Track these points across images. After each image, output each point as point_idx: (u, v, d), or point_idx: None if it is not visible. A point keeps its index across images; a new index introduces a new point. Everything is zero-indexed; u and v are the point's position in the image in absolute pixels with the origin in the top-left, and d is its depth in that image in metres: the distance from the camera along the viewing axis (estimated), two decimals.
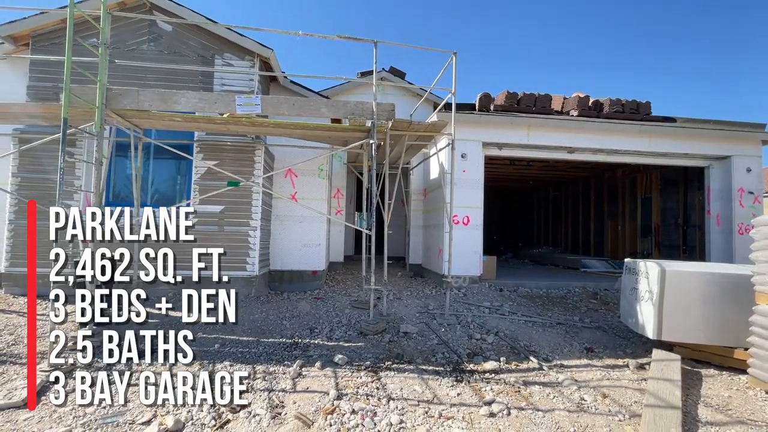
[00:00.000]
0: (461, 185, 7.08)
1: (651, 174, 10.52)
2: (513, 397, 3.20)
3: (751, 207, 7.56)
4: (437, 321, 5.15)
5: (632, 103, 8.63)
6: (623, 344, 4.63)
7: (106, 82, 4.28)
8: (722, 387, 3.49)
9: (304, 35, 4.67)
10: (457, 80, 5.26)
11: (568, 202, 14.50)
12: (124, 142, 5.53)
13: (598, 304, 6.55)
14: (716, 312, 3.88)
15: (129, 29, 5.78)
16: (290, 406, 3.00)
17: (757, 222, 3.57)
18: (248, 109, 4.49)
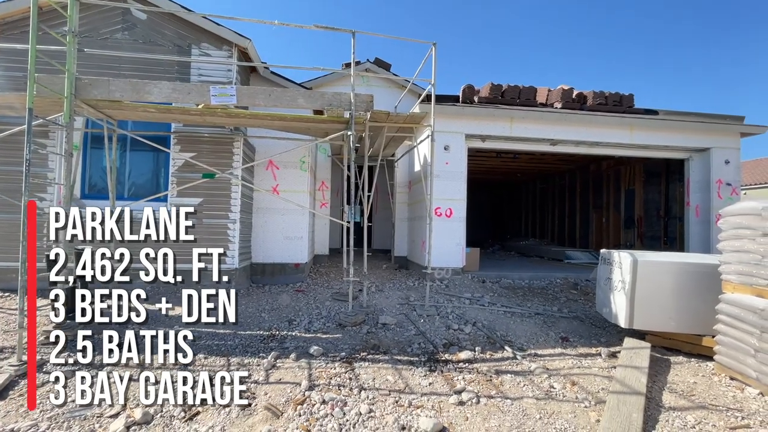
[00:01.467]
0: (444, 177, 7.08)
1: (634, 166, 10.63)
2: (484, 386, 3.24)
3: (729, 198, 7.69)
4: (417, 312, 5.18)
5: (615, 96, 8.68)
6: (598, 333, 4.71)
7: (76, 72, 4.18)
8: (689, 373, 3.58)
9: (280, 24, 4.60)
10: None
11: (554, 195, 14.62)
12: (99, 134, 5.42)
13: (578, 294, 6.64)
14: (686, 301, 3.96)
15: (102, 17, 5.63)
16: (261, 397, 3.01)
17: (725, 212, 3.64)
18: (223, 99, 4.42)
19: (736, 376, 3.34)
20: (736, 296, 3.39)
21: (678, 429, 2.68)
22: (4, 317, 4.57)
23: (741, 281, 3.39)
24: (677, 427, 2.70)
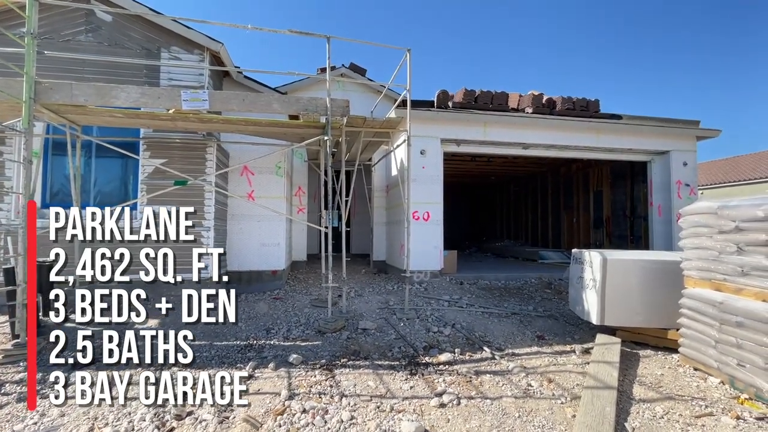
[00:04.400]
0: (421, 181, 7.16)
1: (602, 169, 11.10)
2: (464, 387, 3.28)
3: (688, 198, 8.15)
4: (397, 316, 5.20)
5: (582, 101, 9.04)
6: (572, 331, 4.86)
7: (35, 75, 3.98)
8: (656, 366, 3.75)
9: (253, 29, 4.54)
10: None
11: (527, 197, 15.04)
12: (62, 140, 5.17)
13: (552, 293, 6.84)
14: (652, 296, 4.15)
15: (63, 18, 5.38)
16: (239, 409, 2.93)
17: (684, 212, 3.85)
18: (195, 104, 4.31)
19: (699, 367, 3.53)
20: (697, 291, 3.59)
21: (648, 420, 2.80)
22: None
23: (701, 276, 3.59)
24: (647, 418, 2.83)
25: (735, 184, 17.03)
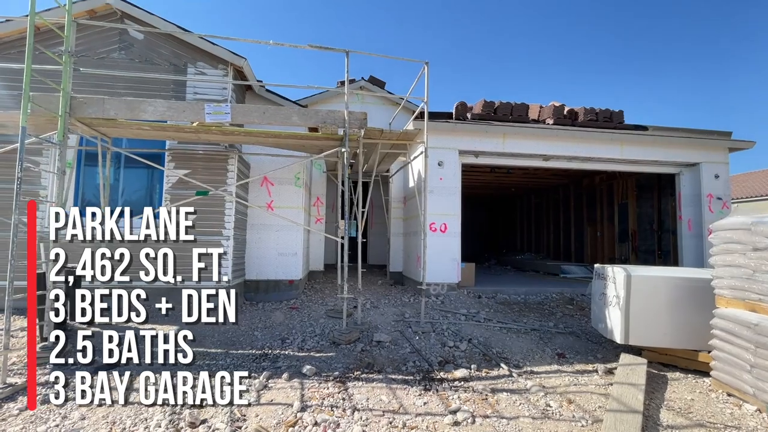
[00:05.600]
0: (438, 193, 7.12)
1: (627, 180, 10.76)
2: (479, 405, 3.19)
3: (720, 212, 7.77)
4: (412, 329, 5.13)
5: (606, 112, 8.86)
6: (595, 349, 4.67)
7: (71, 91, 4.21)
8: (686, 390, 3.54)
9: (275, 44, 4.68)
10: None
11: (549, 209, 14.71)
12: (93, 151, 5.42)
13: (574, 309, 6.61)
14: (681, 315, 3.95)
15: (99, 37, 5.71)
16: (252, 419, 2.93)
17: (715, 227, 3.67)
18: (217, 117, 4.45)
19: (734, 393, 3.32)
20: (730, 311, 3.39)
21: None
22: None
23: (734, 296, 3.39)
24: None
25: None
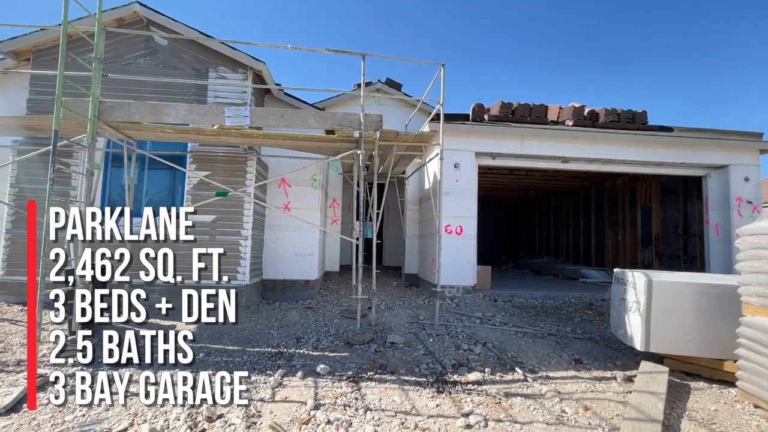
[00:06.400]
0: (454, 195, 7.09)
1: (650, 183, 10.45)
2: (492, 409, 3.16)
3: (750, 216, 7.45)
4: (426, 331, 5.12)
5: (628, 113, 8.63)
6: (614, 356, 4.56)
7: (100, 96, 4.41)
8: (710, 400, 3.42)
9: (293, 48, 4.77)
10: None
11: (569, 212, 14.41)
12: (119, 153, 5.65)
13: (593, 314, 6.46)
14: (705, 323, 3.81)
15: (127, 44, 5.95)
16: (267, 415, 3.00)
17: (742, 231, 3.54)
18: (237, 120, 4.57)
19: (761, 404, 3.18)
20: (757, 319, 3.26)
21: None
22: (23, 330, 4.70)
23: (761, 303, 3.26)
24: None
25: None
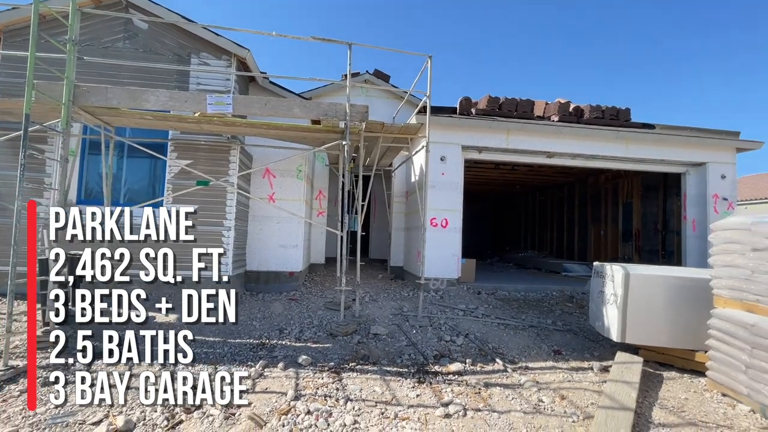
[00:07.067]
0: (440, 188, 7.11)
1: (632, 180, 10.65)
2: (472, 399, 3.21)
3: (725, 213, 7.68)
4: (410, 323, 5.15)
5: (612, 110, 8.75)
6: (592, 347, 4.66)
7: (75, 79, 4.24)
8: (681, 389, 3.53)
9: (277, 35, 4.68)
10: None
11: (553, 207, 14.62)
12: (97, 140, 5.47)
13: (574, 307, 6.59)
14: (678, 315, 3.93)
15: (104, 26, 5.74)
16: (246, 406, 2.98)
17: (715, 227, 3.64)
18: (219, 108, 4.47)
19: (728, 393, 3.30)
20: (727, 311, 3.37)
21: None
22: (2, 321, 4.55)
23: (732, 296, 3.37)
24: None
25: None
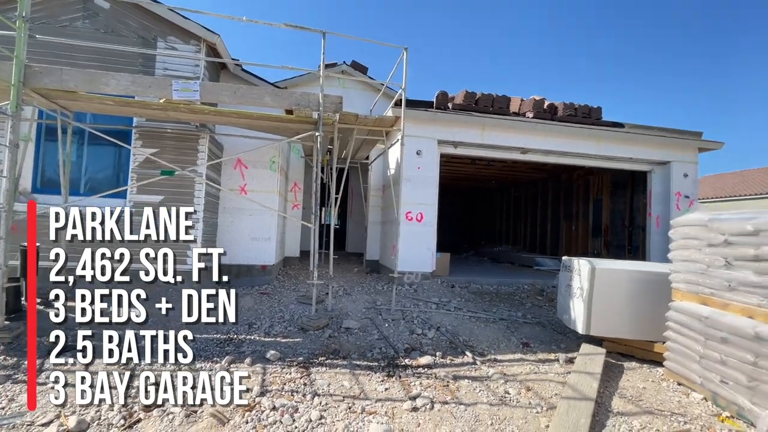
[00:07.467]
0: (416, 182, 7.10)
1: (603, 177, 10.98)
2: (440, 392, 3.23)
3: (686, 210, 8.02)
4: (382, 316, 5.14)
5: (584, 108, 8.95)
6: (559, 339, 4.79)
7: (26, 59, 3.96)
8: (640, 379, 3.67)
9: (248, 21, 4.51)
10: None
11: (527, 203, 14.93)
12: (55, 126, 5.15)
13: (544, 300, 6.76)
14: (640, 308, 4.07)
15: (61, 4, 5.37)
16: (207, 403, 2.88)
17: (675, 223, 3.77)
18: (185, 95, 4.28)
19: (683, 382, 3.45)
20: (684, 304, 3.51)
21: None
22: None
23: (688, 289, 3.51)
24: (623, 431, 2.76)
25: (744, 198, 16.78)
